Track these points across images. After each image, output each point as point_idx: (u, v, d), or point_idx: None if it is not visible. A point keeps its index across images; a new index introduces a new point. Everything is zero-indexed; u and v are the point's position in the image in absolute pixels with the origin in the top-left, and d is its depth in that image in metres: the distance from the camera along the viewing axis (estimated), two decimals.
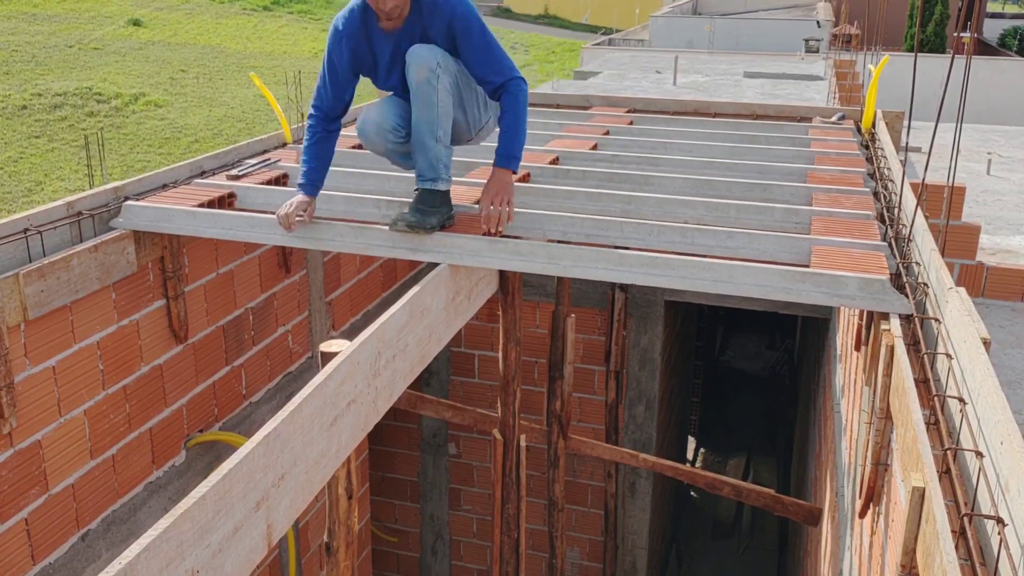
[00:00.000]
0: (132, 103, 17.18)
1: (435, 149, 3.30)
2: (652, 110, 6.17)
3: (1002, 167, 7.06)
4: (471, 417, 5.48)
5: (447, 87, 3.24)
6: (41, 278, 3.20)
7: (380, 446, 7.50)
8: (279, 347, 4.76)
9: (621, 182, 4.18)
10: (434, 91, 3.21)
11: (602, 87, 11.46)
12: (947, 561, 1.55)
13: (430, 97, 3.22)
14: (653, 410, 6.74)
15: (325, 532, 3.12)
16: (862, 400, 3.08)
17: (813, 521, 4.89)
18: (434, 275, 3.23)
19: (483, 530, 7.46)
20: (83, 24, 23.05)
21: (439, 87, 3.21)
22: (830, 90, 10.98)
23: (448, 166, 3.38)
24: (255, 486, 2.22)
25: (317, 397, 2.48)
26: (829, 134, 5.38)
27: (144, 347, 3.79)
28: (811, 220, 3.62)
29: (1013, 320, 4.00)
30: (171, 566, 1.92)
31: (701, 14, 24.56)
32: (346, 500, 3.04)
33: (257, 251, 4.46)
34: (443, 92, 3.23)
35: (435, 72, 3.19)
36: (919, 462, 1.88)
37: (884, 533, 2.45)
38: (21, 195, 12.76)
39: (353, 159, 4.51)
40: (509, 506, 4.57)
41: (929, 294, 2.78)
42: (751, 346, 13.44)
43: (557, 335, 5.00)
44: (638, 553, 7.22)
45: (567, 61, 25.82)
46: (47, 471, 3.37)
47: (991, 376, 1.96)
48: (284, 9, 28.92)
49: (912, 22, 25.54)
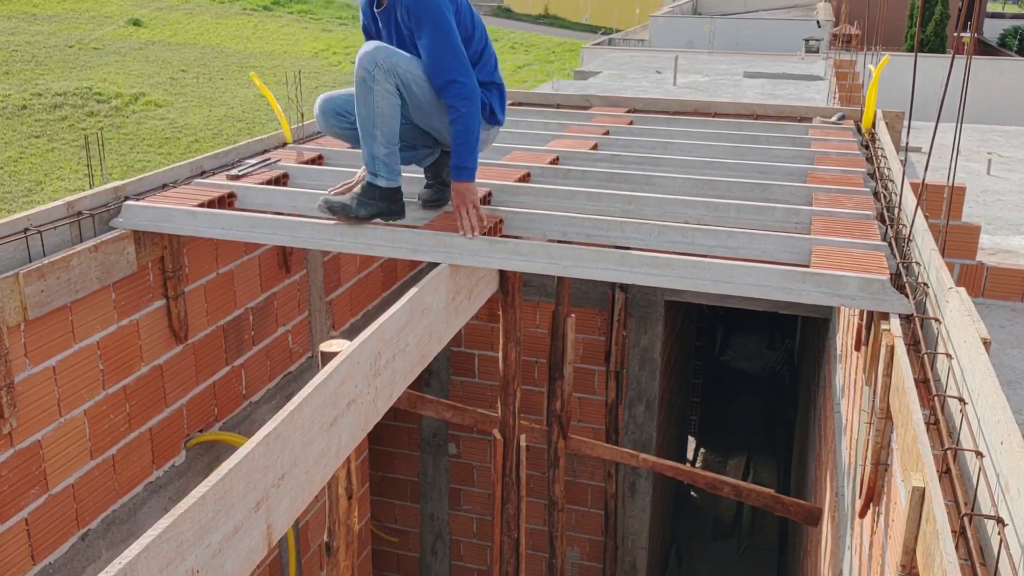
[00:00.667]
0: (132, 103, 17.18)
1: (371, 146, 3.34)
2: (652, 110, 6.17)
3: (1002, 167, 7.06)
4: (471, 417, 5.48)
5: (389, 91, 3.25)
6: (41, 278, 3.20)
7: (380, 446, 7.50)
8: (279, 347, 4.76)
9: (621, 182, 4.18)
10: (370, 92, 3.24)
11: (602, 87, 11.46)
12: (947, 561, 1.55)
13: (366, 97, 3.26)
14: (653, 410, 6.74)
15: (325, 532, 3.12)
16: (862, 400, 3.08)
17: (813, 521, 4.89)
18: (434, 275, 3.23)
19: (483, 530, 7.46)
20: (83, 24, 23.05)
21: (375, 88, 3.23)
22: (830, 90, 10.98)
23: (389, 164, 3.37)
24: (255, 486, 2.22)
25: (317, 397, 2.48)
26: (829, 134, 5.38)
27: (144, 347, 3.79)
28: (811, 220, 3.62)
29: (1013, 320, 4.00)
30: (171, 566, 1.92)
31: (701, 14, 24.57)
32: (346, 500, 3.04)
33: (257, 251, 4.45)
34: (381, 95, 3.24)
35: (372, 74, 3.22)
36: (919, 462, 1.88)
37: (884, 533, 2.45)
38: (21, 195, 12.76)
39: (353, 159, 4.51)
40: (509, 506, 4.57)
41: (929, 294, 2.78)
42: (751, 346, 13.44)
43: (557, 335, 5.00)
44: (638, 553, 7.22)
45: (567, 61, 25.83)
46: (47, 471, 3.37)
47: (991, 376, 1.96)
48: (284, 9, 28.93)
49: (912, 22, 25.54)
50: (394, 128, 3.33)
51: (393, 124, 3.32)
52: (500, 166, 4.34)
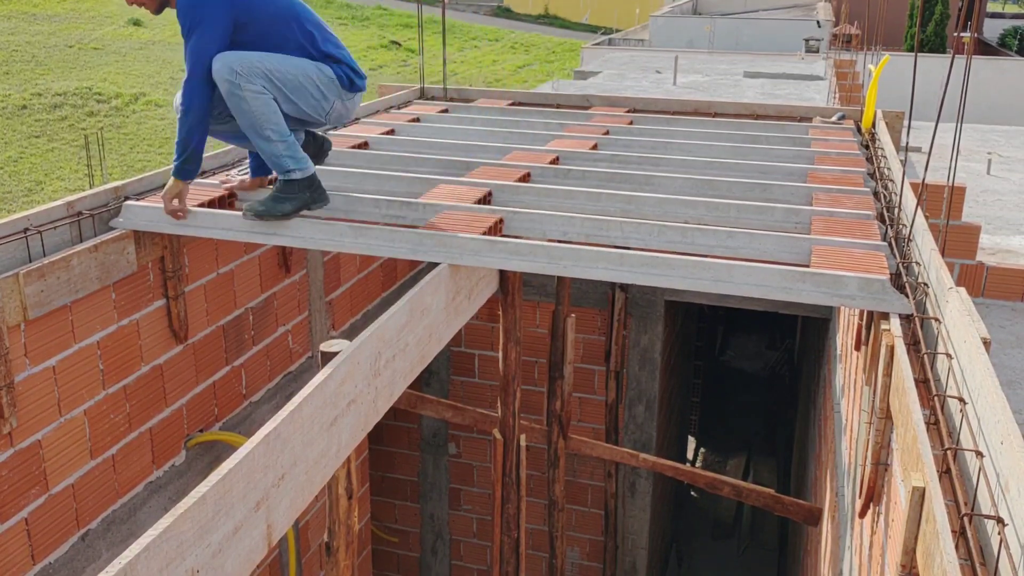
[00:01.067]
0: (132, 103, 17.19)
1: (269, 147, 3.40)
2: (652, 110, 6.17)
3: (1002, 167, 7.06)
4: (471, 417, 5.49)
5: (258, 89, 3.29)
6: (41, 278, 3.20)
7: (380, 446, 7.50)
8: (279, 347, 4.76)
9: (621, 182, 4.18)
10: (242, 100, 3.30)
11: (602, 87, 11.46)
12: (947, 561, 1.55)
13: (239, 106, 3.31)
14: (653, 410, 6.74)
15: (325, 532, 3.12)
16: (862, 400, 3.08)
17: (813, 521, 4.89)
18: (434, 275, 3.23)
19: (483, 530, 7.46)
20: (83, 24, 23.06)
21: (245, 95, 3.28)
22: (830, 90, 10.98)
23: (294, 155, 3.44)
24: (255, 486, 2.22)
25: (317, 397, 2.48)
26: (829, 134, 5.38)
27: (144, 347, 3.79)
28: (811, 220, 3.62)
29: (1013, 320, 4.00)
30: (171, 566, 1.92)
31: (701, 14, 24.56)
32: (346, 500, 3.04)
33: (257, 251, 4.45)
34: (252, 96, 3.29)
35: (235, 82, 3.26)
36: (919, 462, 1.88)
37: (884, 533, 2.45)
38: (21, 195, 12.76)
39: (353, 159, 4.51)
40: (509, 506, 4.57)
41: (929, 294, 2.78)
42: (751, 346, 13.44)
43: (557, 335, 5.00)
44: (638, 553, 7.22)
45: (567, 61, 25.84)
46: (47, 471, 3.37)
47: (991, 376, 1.96)
48: None
49: (912, 22, 25.54)
50: (280, 121, 3.39)
51: (277, 118, 3.38)
52: (500, 166, 4.35)
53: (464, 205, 3.68)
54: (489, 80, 23.55)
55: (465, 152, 4.77)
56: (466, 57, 26.96)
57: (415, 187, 4.02)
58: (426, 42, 8.12)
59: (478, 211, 3.63)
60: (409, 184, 4.04)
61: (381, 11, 31.60)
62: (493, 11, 37.91)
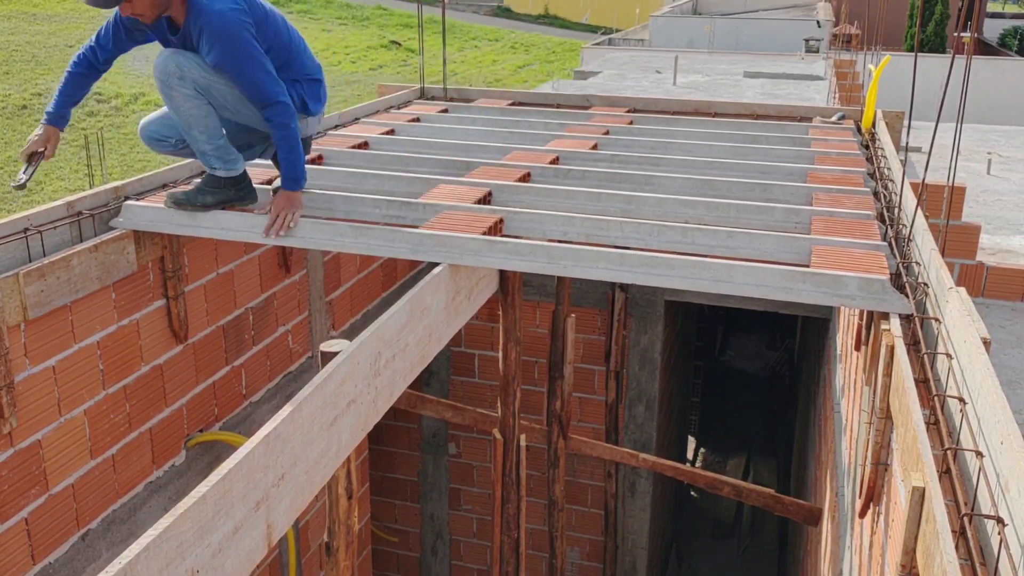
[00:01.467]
0: (132, 103, 17.18)
1: (197, 144, 3.48)
2: (652, 110, 6.17)
3: (1002, 167, 7.06)
4: (471, 417, 5.48)
5: (188, 94, 3.34)
6: (41, 278, 3.20)
7: (380, 446, 7.50)
8: (279, 347, 4.76)
9: (621, 182, 4.18)
10: (172, 99, 3.37)
11: (602, 87, 11.46)
12: (947, 561, 1.55)
13: (172, 104, 3.40)
14: (653, 410, 6.74)
15: (325, 532, 3.12)
16: (862, 400, 3.08)
17: (813, 521, 4.89)
18: (434, 275, 3.23)
19: (483, 530, 7.46)
20: (83, 24, 23.05)
21: (175, 96, 3.35)
22: (830, 90, 10.98)
23: (221, 156, 3.51)
24: (255, 486, 2.22)
25: (317, 397, 2.48)
26: (829, 134, 5.38)
27: (144, 347, 3.79)
28: (811, 220, 3.62)
29: (1013, 320, 4.00)
30: (171, 566, 1.92)
31: (701, 14, 24.57)
32: (346, 500, 3.04)
33: (257, 251, 4.45)
34: (183, 97, 3.35)
35: (167, 83, 3.33)
36: (919, 462, 1.88)
37: (884, 533, 2.45)
38: (21, 195, 12.75)
39: (353, 159, 4.51)
40: (509, 506, 4.57)
41: (929, 294, 2.78)
42: (751, 346, 13.44)
43: (557, 335, 5.00)
44: (638, 553, 7.22)
45: (567, 61, 25.84)
46: (47, 471, 3.37)
47: (991, 376, 1.96)
48: (283, 9, 28.91)
49: (912, 22, 25.54)
50: (210, 124, 3.44)
51: (208, 121, 3.43)
52: (500, 166, 4.35)
53: (464, 205, 3.68)
54: (489, 80, 23.55)
55: (465, 152, 4.77)
56: (466, 57, 26.97)
57: (415, 187, 4.02)
58: (426, 42, 8.13)
59: (478, 211, 3.64)
60: (409, 184, 4.04)
61: (381, 11, 31.60)
62: (493, 11, 37.91)
